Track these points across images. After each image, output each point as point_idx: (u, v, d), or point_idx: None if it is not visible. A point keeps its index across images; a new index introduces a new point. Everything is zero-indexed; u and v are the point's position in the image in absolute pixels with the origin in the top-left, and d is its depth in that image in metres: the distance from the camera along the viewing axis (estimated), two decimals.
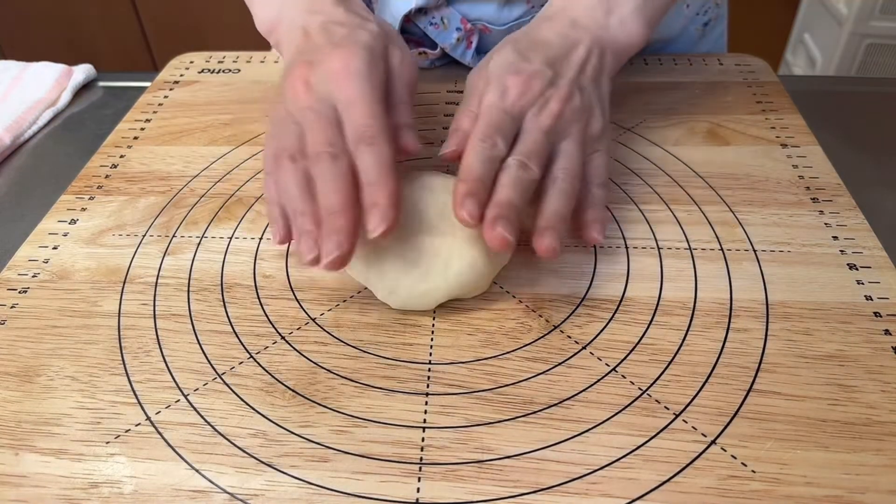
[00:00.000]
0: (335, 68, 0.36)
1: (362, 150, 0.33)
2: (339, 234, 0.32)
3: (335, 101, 0.35)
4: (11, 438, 0.31)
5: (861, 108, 0.54)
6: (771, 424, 0.30)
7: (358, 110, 0.34)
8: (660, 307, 0.36)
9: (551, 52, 0.40)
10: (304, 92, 0.36)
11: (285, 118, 0.36)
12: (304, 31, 0.40)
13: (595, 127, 0.39)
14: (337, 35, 0.39)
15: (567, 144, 0.37)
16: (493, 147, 0.35)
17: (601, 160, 0.39)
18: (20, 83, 0.58)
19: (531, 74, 0.38)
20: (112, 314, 0.37)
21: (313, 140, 0.34)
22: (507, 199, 0.33)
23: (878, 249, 0.38)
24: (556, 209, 0.35)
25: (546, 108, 0.37)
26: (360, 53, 0.36)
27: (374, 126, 0.34)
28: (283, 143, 0.35)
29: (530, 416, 0.31)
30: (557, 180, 0.36)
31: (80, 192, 0.46)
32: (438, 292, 0.35)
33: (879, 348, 0.33)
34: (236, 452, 0.30)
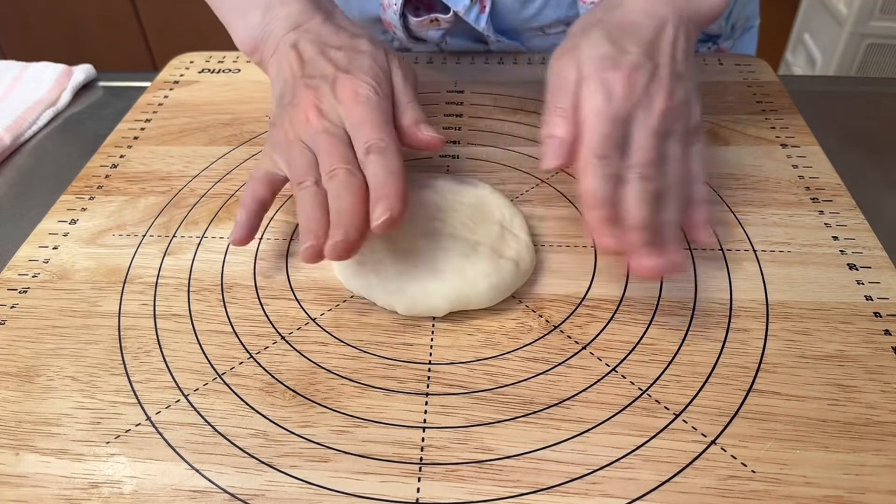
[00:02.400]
0: (345, 97, 0.37)
1: (371, 159, 0.35)
2: (346, 224, 0.32)
3: (346, 124, 0.37)
4: (11, 438, 0.31)
5: (861, 108, 0.54)
6: (771, 424, 0.30)
7: (368, 128, 0.36)
8: (660, 307, 0.36)
9: (644, 37, 0.38)
10: (317, 118, 0.37)
11: (295, 143, 0.37)
12: (296, 52, 0.41)
13: (696, 118, 0.38)
14: (337, 60, 0.39)
15: (672, 146, 0.36)
16: (610, 163, 0.34)
17: (700, 152, 0.38)
18: (20, 83, 0.59)
19: (632, 69, 0.36)
20: (112, 314, 0.37)
21: (328, 159, 0.35)
22: (643, 220, 0.33)
23: (878, 249, 0.38)
24: (673, 219, 0.34)
25: (652, 107, 0.36)
26: (365, 80, 0.38)
27: (384, 139, 0.35)
28: (300, 166, 0.36)
29: (530, 416, 0.31)
30: (670, 190, 0.35)
31: (80, 192, 0.46)
32: (451, 305, 0.35)
33: (879, 348, 0.33)
34: (236, 452, 0.30)
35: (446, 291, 0.34)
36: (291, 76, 0.40)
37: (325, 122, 0.37)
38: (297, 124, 0.37)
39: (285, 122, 0.38)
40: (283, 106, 0.39)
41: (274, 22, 0.42)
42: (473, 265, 0.35)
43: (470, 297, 0.35)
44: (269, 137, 0.40)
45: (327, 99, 0.37)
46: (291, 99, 0.39)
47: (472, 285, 0.35)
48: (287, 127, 0.38)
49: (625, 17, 0.39)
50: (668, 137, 0.36)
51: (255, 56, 0.44)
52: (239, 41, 0.44)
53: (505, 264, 0.36)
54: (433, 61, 0.58)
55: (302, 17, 0.42)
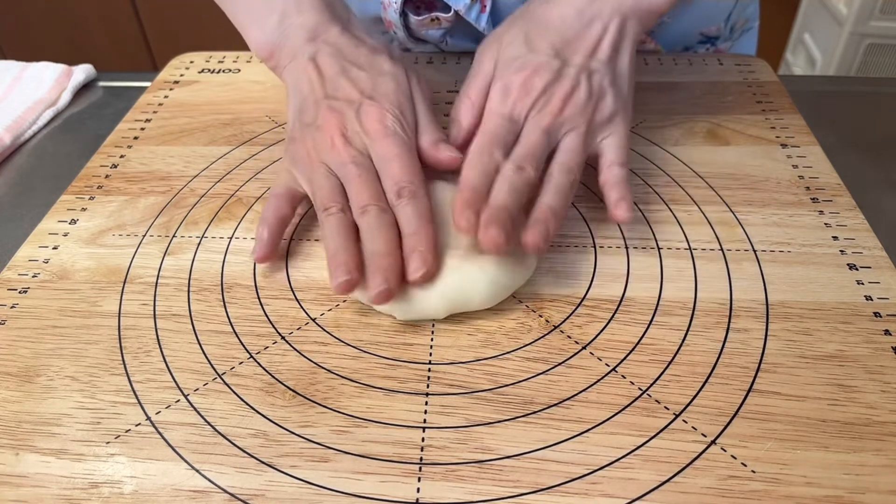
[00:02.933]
0: (371, 127, 0.38)
1: (404, 203, 0.36)
2: (385, 271, 0.33)
3: (371, 154, 0.38)
4: (11, 438, 0.31)
5: (861, 108, 0.54)
6: (771, 424, 0.30)
7: (397, 166, 0.37)
8: (660, 307, 0.36)
9: (563, 35, 0.40)
10: (343, 146, 0.38)
11: (318, 165, 0.38)
12: (316, 67, 0.41)
13: (605, 112, 0.39)
14: (360, 82, 0.40)
15: (569, 138, 0.38)
16: (490, 159, 0.36)
17: (614, 141, 0.39)
18: (20, 83, 0.59)
19: (535, 70, 0.39)
20: (112, 314, 0.37)
21: (360, 194, 0.36)
22: (501, 203, 0.35)
23: (878, 249, 0.38)
24: (548, 204, 0.36)
25: (547, 106, 0.38)
26: (390, 109, 0.39)
27: (415, 182, 0.36)
28: (325, 191, 0.37)
29: (530, 416, 0.31)
30: (553, 176, 0.37)
31: (80, 192, 0.46)
32: (450, 307, 0.35)
33: (879, 348, 0.33)
34: (236, 452, 0.30)
35: (445, 293, 0.34)
36: (311, 93, 0.40)
37: (351, 151, 0.37)
38: (321, 148, 0.38)
39: (307, 141, 0.39)
40: (305, 125, 0.40)
41: (291, 30, 0.42)
42: (472, 266, 0.35)
43: (469, 299, 0.35)
44: (288, 152, 0.40)
45: (352, 125, 0.38)
46: (314, 119, 0.39)
47: (472, 286, 0.35)
48: (310, 147, 0.39)
49: (551, 13, 0.41)
50: (566, 132, 0.38)
51: (271, 62, 0.44)
52: (254, 47, 0.44)
53: (504, 265, 0.35)
54: (433, 61, 0.58)
55: (319, 27, 0.42)
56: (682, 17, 0.58)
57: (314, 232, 0.41)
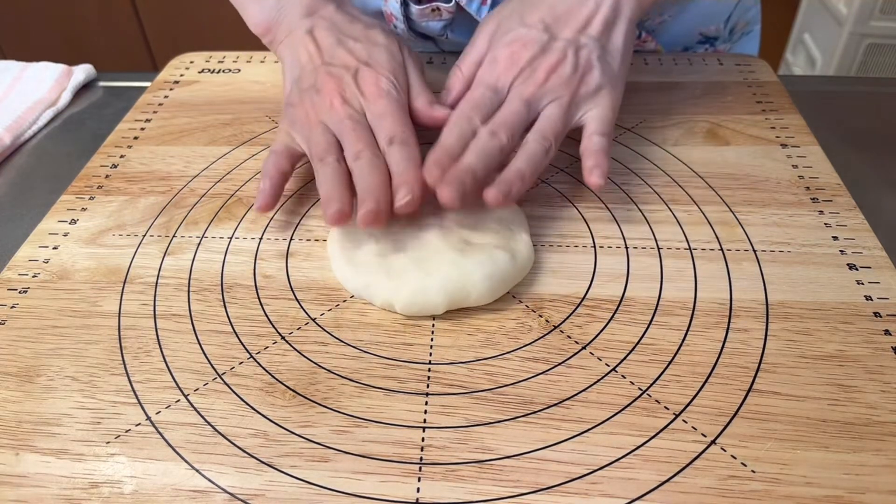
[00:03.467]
0: (367, 89, 0.40)
1: (394, 148, 0.37)
2: (376, 196, 0.35)
3: (367, 114, 0.40)
4: (12, 438, 0.31)
5: (861, 108, 0.54)
6: (771, 424, 0.30)
7: (390, 120, 0.39)
8: (660, 307, 0.36)
9: (555, 11, 0.42)
10: (341, 106, 0.40)
11: (316, 124, 0.40)
12: (313, 39, 0.43)
13: (590, 85, 0.40)
14: (357, 51, 0.42)
15: (549, 108, 0.39)
16: (468, 124, 0.38)
17: (598, 113, 0.41)
18: (20, 83, 0.59)
19: (523, 43, 0.40)
20: (112, 314, 0.37)
21: (355, 142, 0.38)
22: (466, 164, 0.36)
23: (878, 249, 0.38)
24: (517, 167, 0.37)
25: (531, 77, 0.40)
26: (385, 74, 0.41)
27: (406, 131, 0.38)
28: (322, 144, 0.39)
29: (530, 416, 0.31)
30: (528, 142, 0.38)
31: (80, 192, 0.46)
32: (449, 300, 0.35)
33: (879, 348, 0.33)
34: (236, 452, 0.30)
35: (443, 286, 0.35)
36: (310, 62, 0.43)
37: (349, 109, 0.40)
38: (320, 108, 0.40)
39: (306, 103, 0.41)
40: (304, 90, 0.42)
41: (288, 6, 0.45)
42: (470, 261, 0.35)
43: (468, 291, 0.35)
44: (286, 115, 0.42)
45: (350, 88, 0.40)
46: (313, 83, 0.41)
47: (469, 277, 0.35)
48: (309, 108, 0.41)
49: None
50: (548, 103, 0.40)
51: (268, 37, 0.46)
52: (252, 22, 0.46)
53: (501, 256, 0.36)
54: (433, 61, 0.58)
55: (315, 3, 0.45)
56: (682, 16, 0.58)
57: (315, 232, 0.41)
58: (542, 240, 0.40)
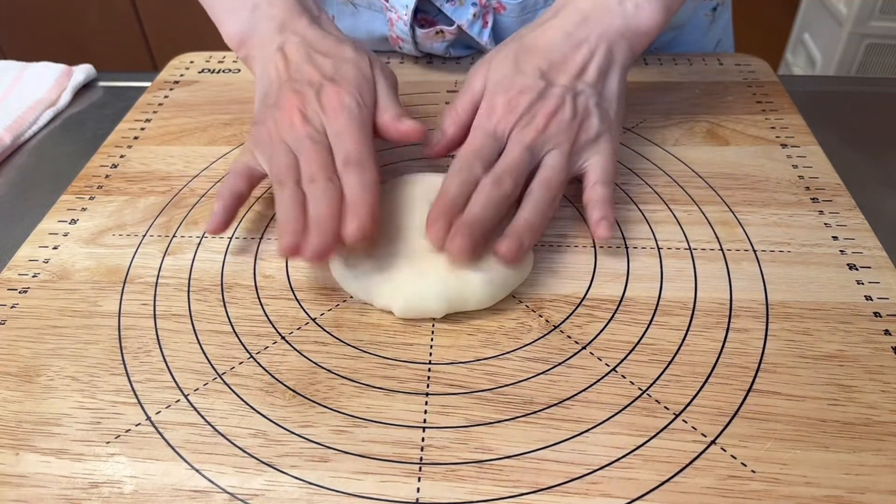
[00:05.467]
0: (330, 105, 0.39)
1: (349, 171, 0.36)
2: (323, 230, 0.34)
3: (328, 132, 0.38)
4: (12, 438, 0.31)
5: (861, 108, 0.54)
6: (771, 424, 0.30)
7: (347, 139, 0.38)
8: (660, 307, 0.36)
9: (550, 58, 0.41)
10: (301, 123, 0.38)
11: (278, 143, 0.39)
12: (283, 54, 0.42)
13: (590, 132, 0.40)
14: (323, 67, 0.41)
15: (551, 156, 0.39)
16: (469, 173, 0.37)
17: (600, 161, 0.40)
18: (20, 83, 0.58)
19: (520, 90, 0.40)
20: (112, 314, 0.37)
21: (311, 165, 0.37)
22: (473, 214, 0.36)
23: (878, 249, 0.38)
24: (525, 217, 0.36)
25: (531, 123, 0.39)
26: (349, 90, 0.40)
27: (362, 151, 0.37)
28: (282, 167, 0.37)
29: (530, 416, 0.31)
30: (533, 192, 0.37)
31: (80, 192, 0.46)
32: (448, 306, 0.35)
33: (879, 348, 0.33)
34: (236, 452, 0.30)
35: (443, 293, 0.34)
36: (277, 78, 0.42)
37: (308, 129, 0.38)
38: (281, 126, 0.39)
39: (269, 121, 0.40)
40: (268, 106, 0.41)
41: (261, 21, 0.44)
42: (469, 266, 0.35)
43: (467, 299, 0.35)
44: (251, 134, 0.41)
45: (311, 105, 0.39)
46: (276, 100, 0.40)
47: (469, 286, 0.35)
48: (271, 127, 0.39)
49: (540, 38, 0.42)
50: (549, 150, 0.39)
51: (242, 51, 0.45)
52: (227, 36, 0.46)
53: (501, 265, 0.36)
54: (433, 62, 0.58)
55: (288, 19, 0.44)
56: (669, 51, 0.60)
57: None
58: (542, 240, 0.40)
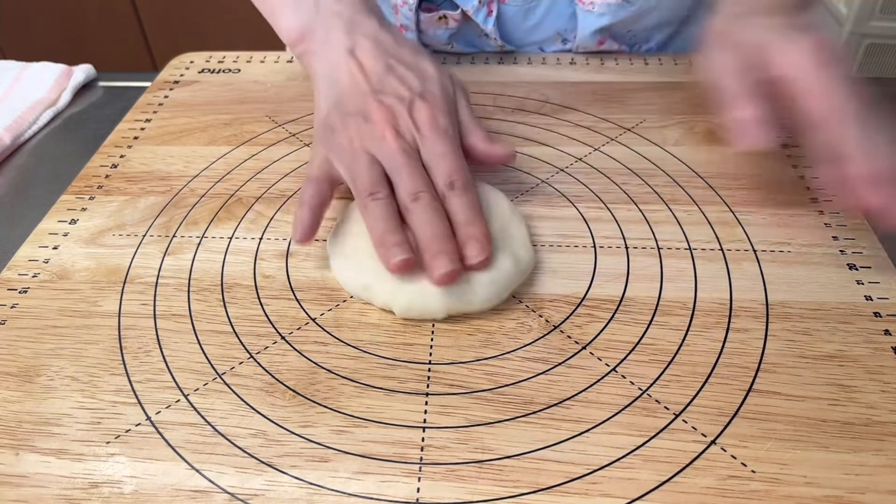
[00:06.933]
0: (423, 123, 0.38)
1: (455, 195, 0.36)
2: (450, 253, 0.34)
3: (422, 151, 0.38)
4: (11, 438, 0.31)
5: None
6: (771, 424, 0.30)
7: (448, 162, 0.37)
8: (660, 307, 0.36)
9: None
10: (394, 138, 0.38)
11: (361, 153, 0.38)
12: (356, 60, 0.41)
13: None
14: (409, 81, 0.40)
15: None
16: None
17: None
18: (20, 83, 0.58)
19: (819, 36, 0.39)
20: (112, 314, 0.37)
21: (412, 181, 0.36)
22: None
23: (878, 249, 0.38)
24: None
25: None
26: (441, 107, 0.39)
27: (465, 175, 0.37)
28: (371, 177, 0.37)
29: (530, 416, 0.31)
30: None
31: (80, 192, 0.46)
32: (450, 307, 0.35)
33: (879, 348, 0.33)
34: (236, 452, 0.30)
35: (445, 294, 0.34)
36: (355, 86, 0.40)
37: (402, 143, 0.37)
38: (368, 138, 0.38)
39: (351, 130, 0.38)
40: (348, 114, 0.39)
41: (327, 17, 0.42)
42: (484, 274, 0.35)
43: (469, 298, 0.35)
44: (324, 140, 0.40)
45: (404, 121, 0.38)
46: (361, 110, 0.39)
47: (471, 288, 0.35)
48: (354, 136, 0.38)
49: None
50: None
51: (300, 47, 0.44)
52: (285, 30, 0.44)
53: (503, 264, 0.36)
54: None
55: (356, 17, 0.42)
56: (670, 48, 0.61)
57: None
58: (542, 240, 0.40)
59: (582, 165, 0.46)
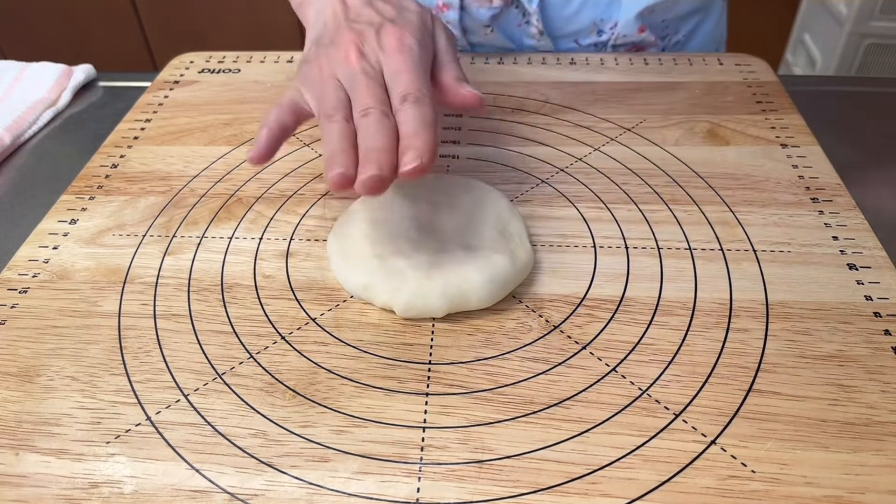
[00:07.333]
0: (389, 43, 0.37)
1: (406, 107, 0.34)
2: (379, 161, 0.32)
3: (385, 71, 0.37)
4: (12, 438, 0.31)
5: (861, 108, 0.54)
6: (771, 424, 0.30)
7: (405, 77, 0.36)
8: (660, 307, 0.36)
9: None
10: (357, 59, 0.37)
11: (329, 79, 0.37)
12: (342, 2, 0.41)
13: None
14: (384, 11, 0.40)
15: None
16: None
17: None
18: (20, 83, 0.59)
19: None
20: (112, 314, 0.37)
21: (364, 98, 0.35)
22: None
23: (878, 249, 0.38)
24: None
25: None
26: (412, 31, 0.38)
27: (421, 89, 0.35)
28: (331, 101, 0.36)
29: (530, 416, 0.31)
30: None
31: (80, 192, 0.46)
32: (449, 305, 0.35)
33: (879, 348, 0.33)
34: (236, 452, 0.30)
35: (444, 292, 0.34)
36: (333, 19, 0.40)
37: (363, 64, 0.37)
38: (334, 62, 0.38)
39: (321, 59, 0.38)
40: (322, 46, 0.39)
41: None
42: (470, 264, 0.35)
43: (468, 297, 0.35)
44: (299, 72, 0.39)
45: (370, 43, 0.38)
46: (332, 39, 0.39)
47: (470, 283, 0.35)
48: (323, 63, 0.38)
49: None
50: None
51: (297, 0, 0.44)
52: None
53: (501, 262, 0.36)
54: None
55: None
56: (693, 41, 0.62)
57: (315, 232, 0.41)
58: (542, 240, 0.40)
59: (582, 165, 0.46)
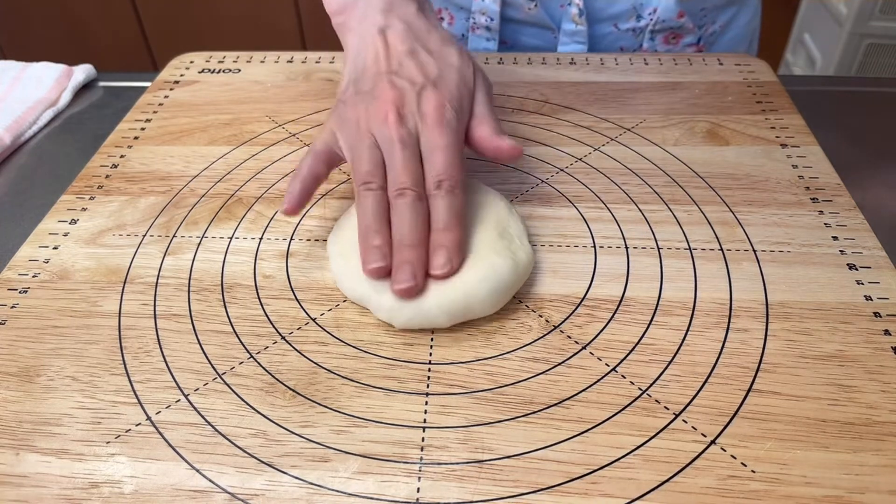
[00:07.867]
0: (429, 111, 0.38)
1: (439, 195, 0.36)
2: (412, 265, 0.34)
3: (422, 139, 0.38)
4: (12, 438, 0.31)
5: (861, 108, 0.54)
6: (771, 424, 0.30)
7: (442, 157, 0.37)
8: (660, 307, 0.36)
9: None
10: (396, 123, 0.37)
11: (366, 134, 0.38)
12: (384, 41, 0.41)
13: None
14: (427, 67, 0.40)
15: None
16: None
17: None
18: (20, 83, 0.59)
19: None
20: (112, 314, 0.37)
21: (401, 175, 0.36)
22: None
23: (878, 249, 0.38)
24: None
25: None
26: (452, 98, 0.39)
27: (455, 178, 0.36)
28: (368, 166, 0.37)
29: (530, 416, 0.31)
30: None
31: (80, 192, 0.46)
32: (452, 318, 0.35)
33: (879, 348, 0.33)
34: (236, 452, 0.30)
35: (447, 307, 0.34)
36: (374, 64, 0.41)
37: (402, 131, 0.37)
38: (373, 117, 0.38)
39: (360, 108, 0.39)
40: (361, 92, 0.40)
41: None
42: (471, 274, 0.35)
43: (472, 307, 0.34)
44: (336, 113, 0.40)
45: (409, 106, 0.38)
46: (372, 89, 0.39)
47: (473, 295, 0.34)
48: (362, 114, 0.38)
49: None
50: None
51: (340, 18, 0.44)
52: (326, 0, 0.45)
53: (503, 268, 0.35)
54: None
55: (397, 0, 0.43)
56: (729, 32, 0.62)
57: (315, 232, 0.41)
58: (542, 240, 0.40)
59: (582, 165, 0.46)
